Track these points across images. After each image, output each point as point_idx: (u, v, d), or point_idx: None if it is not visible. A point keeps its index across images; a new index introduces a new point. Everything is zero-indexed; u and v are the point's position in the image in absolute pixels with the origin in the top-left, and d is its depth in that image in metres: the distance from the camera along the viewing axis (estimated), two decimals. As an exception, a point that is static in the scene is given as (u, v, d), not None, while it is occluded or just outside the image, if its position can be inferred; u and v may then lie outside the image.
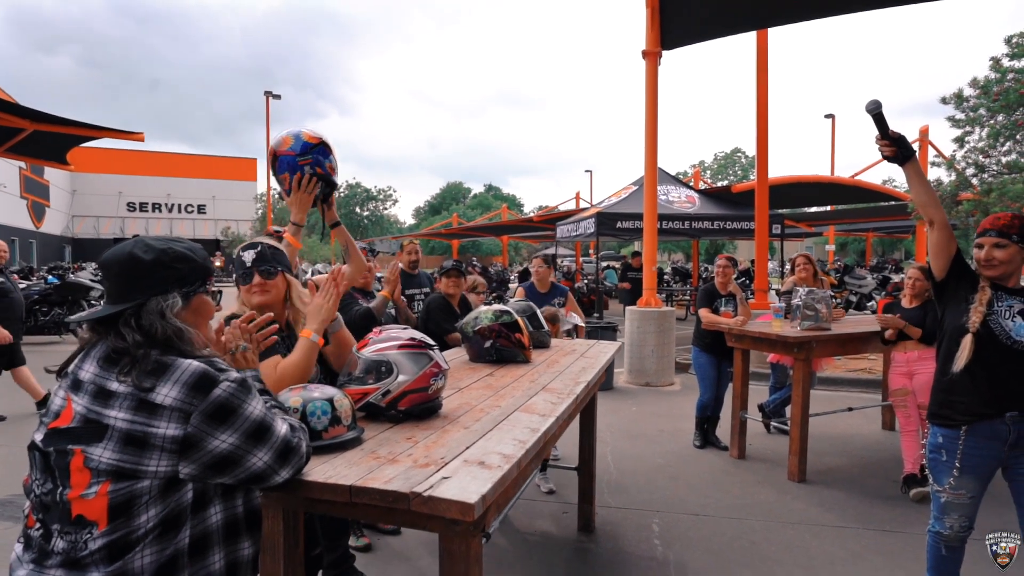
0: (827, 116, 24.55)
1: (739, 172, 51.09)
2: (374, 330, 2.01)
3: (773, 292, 8.56)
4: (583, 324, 4.52)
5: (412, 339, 1.93)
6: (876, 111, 2.23)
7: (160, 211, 39.21)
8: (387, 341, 1.91)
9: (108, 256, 1.28)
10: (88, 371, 1.22)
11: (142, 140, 11.97)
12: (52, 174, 32.29)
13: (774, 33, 7.74)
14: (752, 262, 19.67)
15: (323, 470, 1.44)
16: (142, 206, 38.87)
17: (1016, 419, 2.24)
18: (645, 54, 7.01)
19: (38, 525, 1.19)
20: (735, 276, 5.96)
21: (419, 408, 1.88)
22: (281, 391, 1.66)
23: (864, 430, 5.54)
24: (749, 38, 7.67)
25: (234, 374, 1.26)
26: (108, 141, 11.92)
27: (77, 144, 12.19)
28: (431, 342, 1.97)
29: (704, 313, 4.99)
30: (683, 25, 6.75)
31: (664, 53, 7.03)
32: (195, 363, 1.21)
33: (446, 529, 1.39)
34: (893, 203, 14.33)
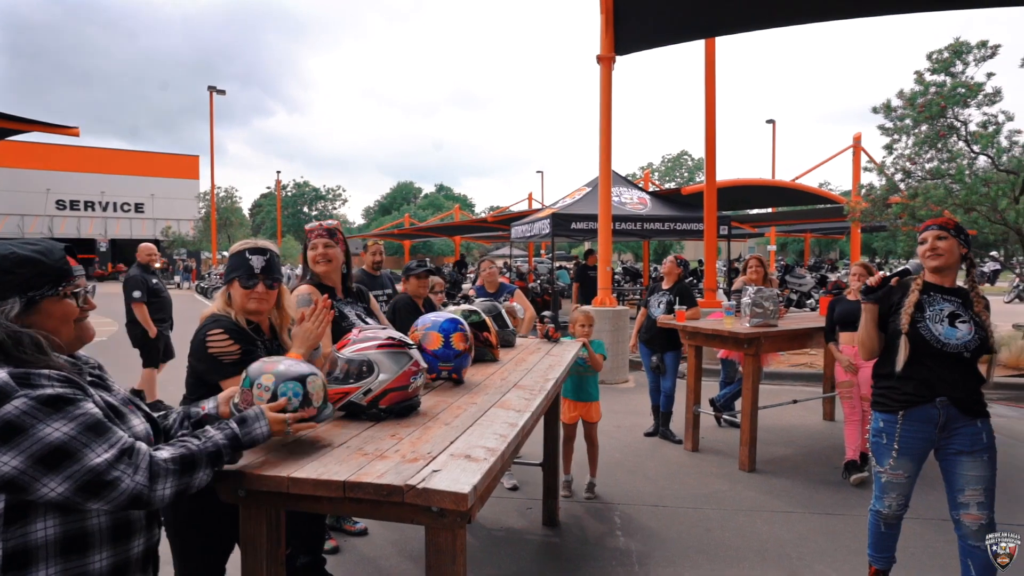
0: (768, 121, 25.63)
1: (685, 175, 52.60)
2: (354, 329, 2.03)
3: (721, 291, 8.92)
4: (527, 314, 4.62)
5: (391, 338, 1.96)
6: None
7: (93, 209, 37.28)
8: (367, 341, 1.94)
9: None
10: None
11: (77, 135, 11.39)
12: None
13: (721, 41, 8.07)
14: (700, 262, 20.35)
15: (314, 467, 1.46)
16: (73, 204, 36.85)
17: (945, 404, 2.47)
18: (600, 59, 7.19)
19: None
20: (686, 276, 6.24)
21: (400, 406, 1.91)
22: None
23: (807, 421, 5.86)
24: (697, 46, 7.97)
25: (42, 392, 1.14)
26: (36, 135, 11.27)
27: (3, 138, 11.47)
28: (410, 341, 2.01)
29: (642, 311, 5.54)
30: (636, 31, 6.97)
31: (618, 58, 7.24)
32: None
33: (433, 521, 1.44)
34: (830, 206, 15.13)
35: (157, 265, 6.52)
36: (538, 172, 40.51)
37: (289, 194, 60.46)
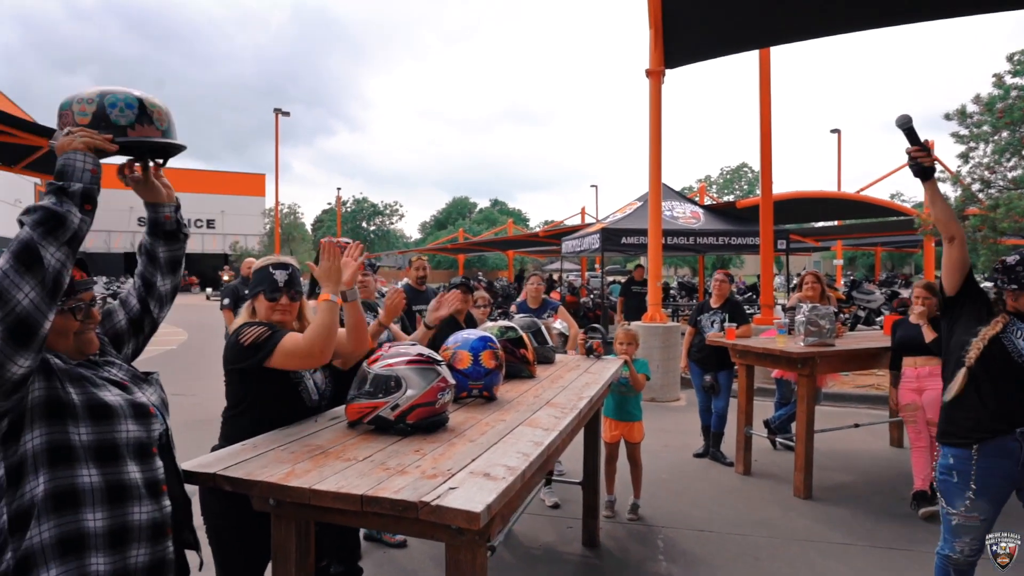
0: (833, 131, 24.65)
1: (745, 187, 51.24)
2: (384, 345, 2.07)
3: (779, 307, 8.59)
4: (572, 331, 4.56)
5: (420, 355, 1.98)
6: (907, 125, 2.31)
7: (170, 226, 39.63)
8: (396, 356, 1.97)
9: None
10: None
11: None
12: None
13: (778, 48, 7.84)
14: (759, 277, 19.66)
15: (335, 480, 1.49)
16: (152, 221, 39.28)
17: None
18: (648, 73, 7.12)
19: None
20: (743, 291, 6.05)
21: (427, 422, 1.93)
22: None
23: (872, 447, 5.53)
24: (752, 54, 7.76)
25: None
26: (120, 157, 12.17)
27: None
28: (439, 357, 2.03)
29: (689, 330, 5.41)
30: (686, 45, 6.87)
31: (668, 71, 7.15)
32: None
33: (452, 539, 1.44)
34: (900, 218, 14.35)
35: (225, 278, 6.92)
36: (592, 186, 40.38)
37: (349, 210, 62.52)
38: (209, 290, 32.69)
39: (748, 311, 9.67)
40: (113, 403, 1.34)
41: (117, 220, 37.72)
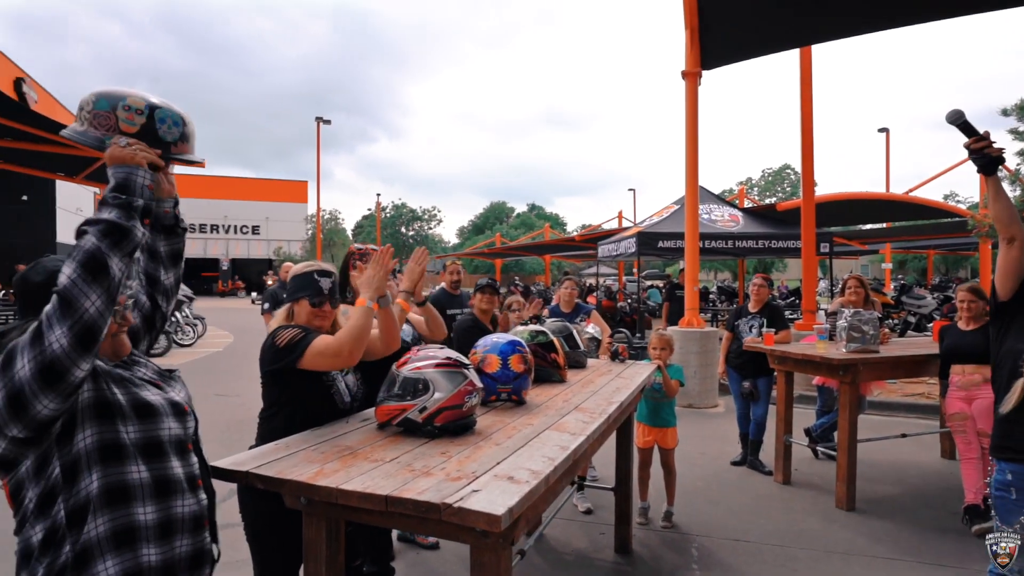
0: (881, 130, 23.81)
1: (788, 189, 49.94)
2: (412, 349, 2.10)
3: (822, 312, 8.34)
4: (604, 336, 4.54)
5: (448, 358, 2.01)
6: (960, 119, 2.19)
7: (217, 232, 41.08)
8: (424, 360, 2.00)
9: (15, 277, 1.40)
10: None
11: (203, 166, 12.72)
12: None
13: (820, 46, 7.63)
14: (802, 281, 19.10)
15: (362, 480, 1.52)
16: (201, 227, 40.79)
17: None
18: (685, 74, 7.03)
19: None
20: (785, 296, 5.90)
21: (454, 424, 1.95)
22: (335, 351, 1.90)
23: (921, 458, 5.31)
24: (793, 53, 7.58)
25: None
26: (172, 166, 12.76)
27: (144, 170, 13.04)
28: (466, 361, 2.05)
29: (727, 335, 5.32)
30: (723, 45, 6.76)
31: (705, 72, 7.05)
32: None
33: (477, 541, 1.45)
34: (953, 219, 13.75)
35: (269, 283, 7.12)
36: (630, 190, 40.03)
37: (388, 215, 63.54)
38: (254, 294, 33.69)
39: (790, 316, 9.44)
40: (155, 402, 1.41)
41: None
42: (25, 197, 22.30)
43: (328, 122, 25.10)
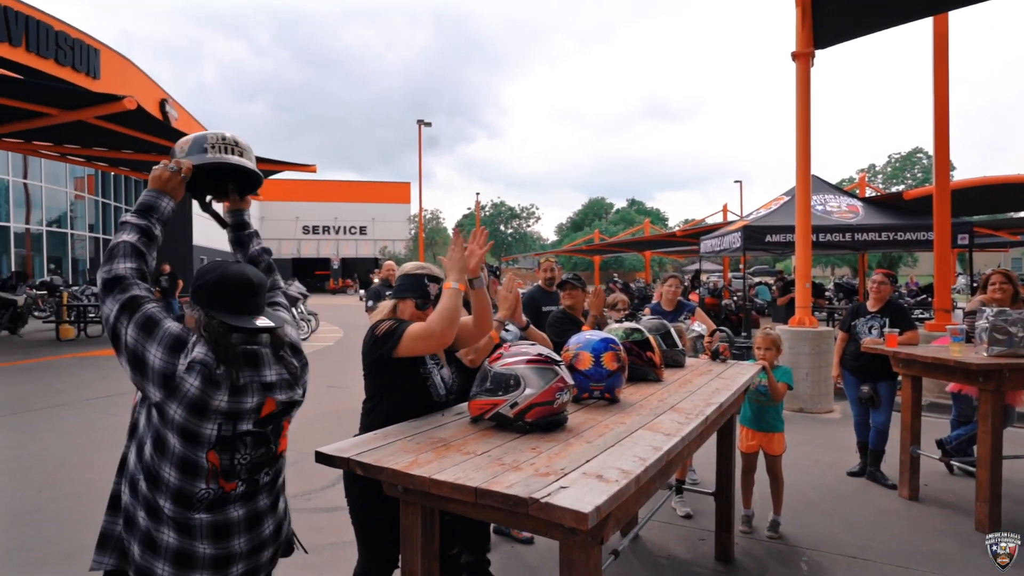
0: (1033, 106, 20.95)
1: (919, 175, 45.47)
2: (504, 345, 2.13)
3: (958, 312, 7.50)
4: (710, 331, 4.34)
5: (539, 355, 2.01)
6: None
7: (328, 233, 43.88)
8: (516, 356, 2.01)
9: (255, 279, 1.59)
10: (271, 374, 1.57)
11: (315, 171, 13.66)
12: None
13: (958, 13, 6.83)
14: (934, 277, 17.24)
15: (453, 472, 1.56)
16: (314, 229, 43.77)
17: None
18: (795, 56, 6.58)
19: (240, 483, 1.55)
20: (915, 293, 5.38)
21: (545, 421, 1.95)
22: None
23: (1082, 478, 4.63)
24: (924, 22, 6.83)
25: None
26: (288, 172, 13.80)
27: (266, 177, 14.25)
28: (557, 358, 2.04)
29: (841, 335, 4.89)
30: (838, 20, 6.24)
31: (819, 52, 6.56)
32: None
33: (566, 537, 1.44)
34: None
35: (376, 281, 7.53)
36: (736, 182, 38.07)
37: (487, 214, 64.84)
38: (362, 292, 35.64)
39: (921, 316, 8.60)
40: None
41: (285, 229, 42.46)
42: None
43: (429, 124, 25.98)
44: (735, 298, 15.62)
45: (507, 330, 2.77)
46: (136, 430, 1.56)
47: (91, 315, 13.04)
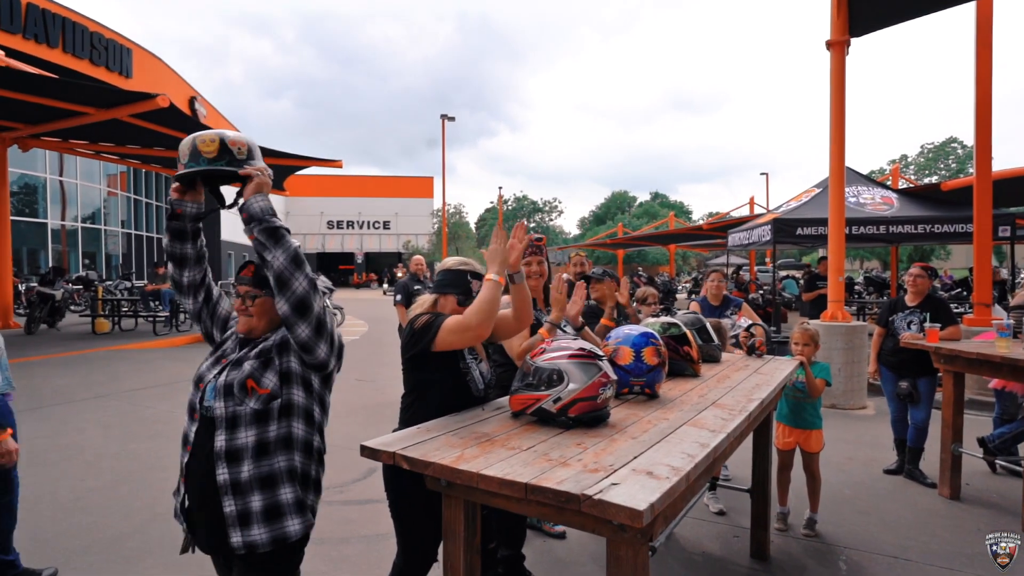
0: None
1: (953, 165, 44.29)
2: (546, 339, 2.12)
3: (998, 307, 7.29)
4: (760, 325, 4.27)
5: (582, 349, 2.00)
6: None
7: (353, 227, 44.29)
8: (558, 351, 2.00)
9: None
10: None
11: (340, 167, 13.75)
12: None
13: None
14: (970, 271, 16.78)
15: (501, 467, 1.56)
16: (339, 224, 44.20)
17: None
18: (830, 44, 6.43)
19: None
20: (948, 287, 5.23)
21: (588, 416, 1.94)
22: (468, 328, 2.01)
23: None
24: (966, 7, 6.60)
25: None
26: (314, 168, 13.93)
27: (292, 173, 14.37)
28: (600, 352, 2.03)
29: (878, 330, 4.76)
30: (877, 6, 6.07)
31: (853, 40, 6.40)
32: None
33: (614, 534, 1.43)
34: None
35: (399, 275, 7.62)
36: (762, 174, 37.48)
37: (510, 208, 64.81)
38: (385, 285, 35.92)
39: (956, 311, 8.39)
40: (198, 371, 1.89)
41: (311, 224, 42.95)
42: (197, 201, 25.47)
43: (452, 119, 26.02)
44: (761, 292, 15.39)
45: (563, 331, 2.70)
46: (268, 416, 1.69)
47: (124, 309, 13.35)
